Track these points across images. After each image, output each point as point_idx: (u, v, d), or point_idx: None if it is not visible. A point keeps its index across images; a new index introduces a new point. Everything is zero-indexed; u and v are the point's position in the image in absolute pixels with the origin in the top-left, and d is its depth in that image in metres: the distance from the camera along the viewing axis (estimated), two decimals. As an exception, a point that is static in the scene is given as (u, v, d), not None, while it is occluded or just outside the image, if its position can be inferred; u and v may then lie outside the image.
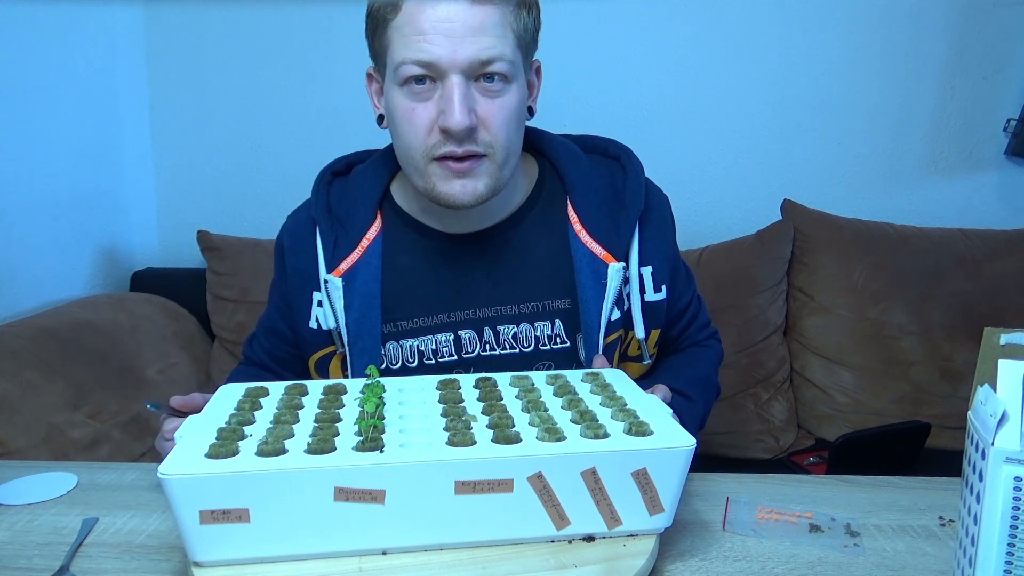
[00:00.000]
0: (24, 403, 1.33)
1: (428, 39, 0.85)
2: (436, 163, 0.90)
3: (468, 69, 0.86)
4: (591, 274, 0.97)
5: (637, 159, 1.04)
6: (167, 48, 2.02)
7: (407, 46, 0.86)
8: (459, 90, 0.86)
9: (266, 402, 0.82)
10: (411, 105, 0.89)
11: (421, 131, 0.89)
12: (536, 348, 0.99)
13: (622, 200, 1.01)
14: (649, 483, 0.70)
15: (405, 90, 0.89)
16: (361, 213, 1.01)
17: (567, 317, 0.99)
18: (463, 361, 0.99)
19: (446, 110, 0.86)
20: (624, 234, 0.99)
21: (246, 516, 0.66)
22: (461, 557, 0.69)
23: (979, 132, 2.02)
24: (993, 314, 1.79)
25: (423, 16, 0.85)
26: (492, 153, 0.90)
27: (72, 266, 1.84)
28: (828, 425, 1.81)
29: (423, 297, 1.00)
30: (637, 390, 0.85)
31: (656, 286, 1.02)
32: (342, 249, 0.99)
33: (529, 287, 1.00)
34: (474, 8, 0.85)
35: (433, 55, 0.85)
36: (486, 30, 0.86)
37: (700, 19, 1.97)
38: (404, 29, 0.87)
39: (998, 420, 0.59)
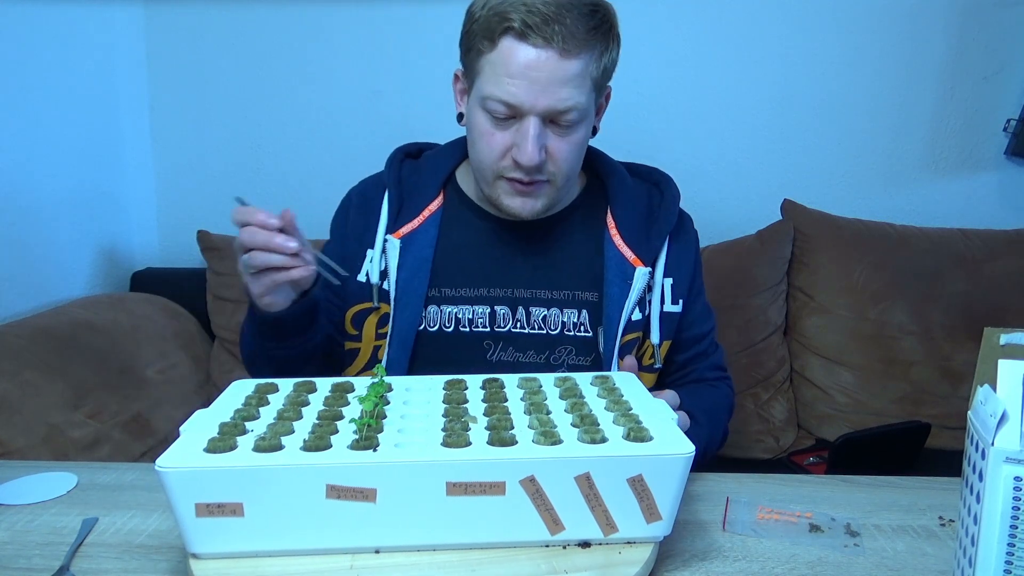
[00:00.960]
0: (24, 403, 1.32)
1: (515, 83, 0.93)
2: (504, 180, 1.01)
3: (544, 114, 0.95)
4: (618, 273, 1.06)
5: (676, 187, 1.15)
6: (167, 48, 2.02)
7: (495, 84, 0.95)
8: (534, 131, 0.95)
9: (274, 398, 0.84)
10: (491, 129, 0.99)
11: (496, 153, 0.99)
12: (561, 333, 1.08)
13: (656, 217, 1.12)
14: (646, 490, 0.69)
15: (487, 115, 0.98)
16: (427, 189, 1.12)
17: (592, 309, 1.08)
18: (494, 333, 1.08)
19: (520, 146, 0.96)
20: (654, 244, 1.09)
21: (240, 510, 0.67)
22: (452, 559, 0.69)
23: (979, 132, 2.02)
24: (993, 314, 1.79)
25: (514, 59, 0.93)
26: (554, 180, 1.02)
27: (72, 266, 1.84)
28: (828, 425, 1.81)
29: (468, 270, 1.09)
30: (645, 395, 0.84)
31: (674, 298, 1.11)
32: (405, 216, 1.10)
33: (563, 276, 1.09)
34: (562, 61, 0.93)
35: (516, 99, 0.94)
36: (567, 81, 0.94)
37: (700, 19, 1.97)
38: (495, 66, 0.95)
39: (998, 420, 0.59)
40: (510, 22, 0.92)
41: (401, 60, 1.99)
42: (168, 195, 2.10)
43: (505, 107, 0.95)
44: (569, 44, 0.92)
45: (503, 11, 0.93)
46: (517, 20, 0.91)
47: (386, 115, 2.02)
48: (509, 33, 0.93)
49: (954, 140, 2.03)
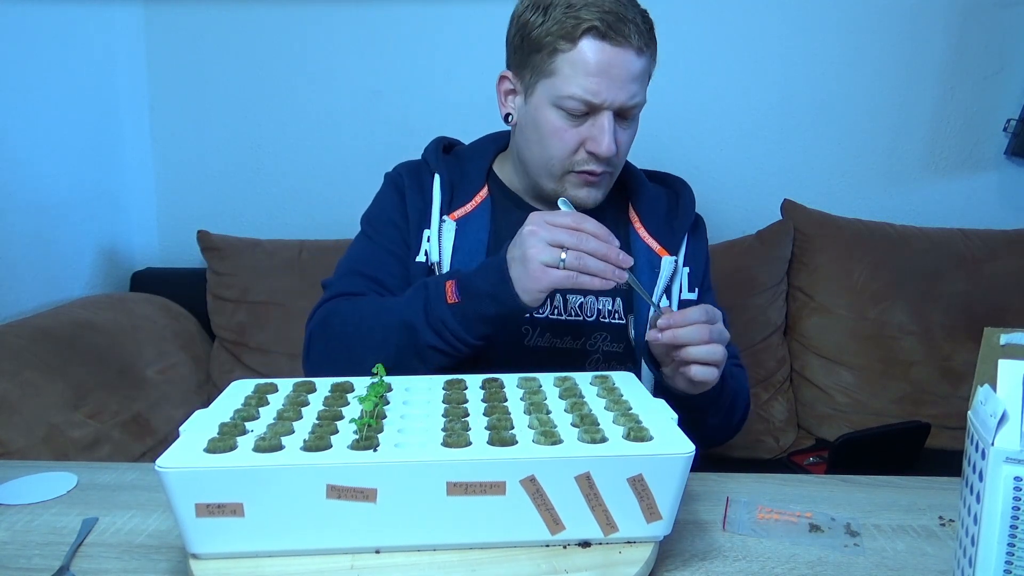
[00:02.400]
0: (24, 403, 1.32)
1: (596, 81, 0.98)
2: (573, 174, 1.05)
3: (620, 109, 1.01)
4: (646, 262, 1.12)
5: (691, 190, 1.22)
6: (167, 48, 2.02)
7: (575, 83, 0.99)
8: (610, 124, 1.01)
9: (273, 398, 0.84)
10: (564, 126, 1.02)
11: (569, 148, 1.03)
12: (597, 319, 1.12)
13: (675, 213, 1.18)
14: (646, 490, 0.69)
15: (561, 112, 1.02)
16: (474, 178, 1.15)
17: (625, 297, 1.13)
18: (532, 319, 1.10)
19: (597, 139, 1.01)
20: (677, 237, 1.15)
21: (240, 511, 0.67)
22: (452, 559, 0.69)
23: (979, 132, 2.02)
24: (993, 314, 1.79)
25: (596, 58, 0.98)
26: (615, 169, 1.08)
27: (72, 266, 1.84)
28: (828, 425, 1.81)
29: None
30: (645, 394, 0.84)
31: (691, 286, 1.16)
32: (459, 199, 1.13)
33: None
34: (637, 58, 1.00)
35: (598, 96, 0.99)
36: (638, 77, 1.01)
37: (700, 19, 1.97)
38: (576, 65, 0.99)
39: (998, 420, 0.59)
40: (590, 22, 0.97)
41: (401, 60, 1.99)
42: (168, 195, 2.10)
43: (584, 104, 0.99)
44: (641, 41, 0.99)
45: (578, 14, 0.97)
46: (598, 20, 0.96)
47: (386, 115, 2.02)
48: (590, 33, 0.97)
49: (954, 140, 2.03)
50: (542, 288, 0.89)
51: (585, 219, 0.89)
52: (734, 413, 1.13)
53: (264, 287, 1.83)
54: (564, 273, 0.87)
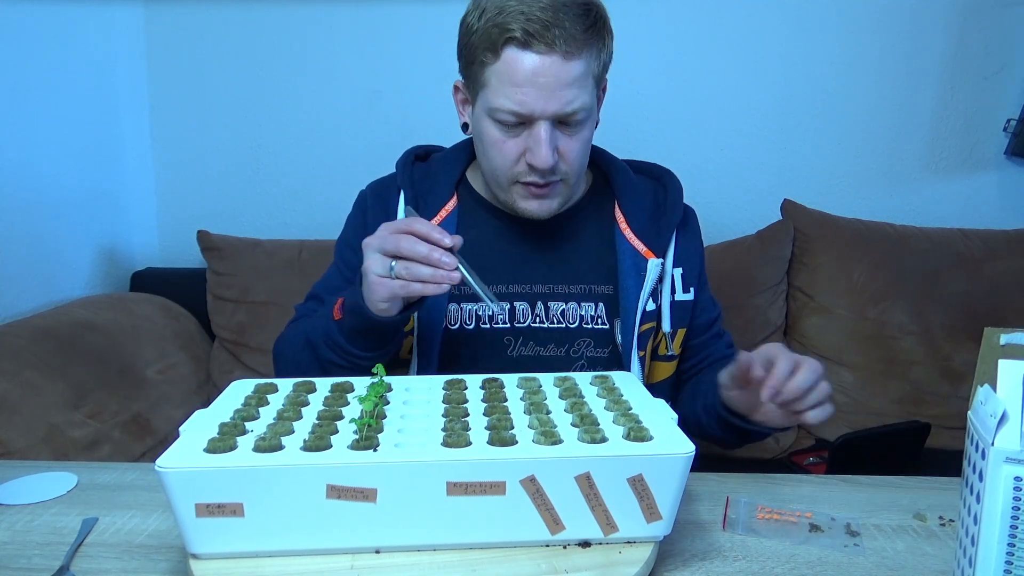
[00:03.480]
0: (24, 403, 1.32)
1: (522, 91, 0.94)
2: (520, 185, 1.03)
3: (554, 118, 0.97)
4: (632, 266, 1.09)
5: (679, 182, 1.17)
6: (167, 48, 2.02)
7: (503, 95, 0.96)
8: (546, 135, 0.96)
9: (273, 398, 0.84)
10: (501, 138, 1.00)
11: (509, 160, 1.01)
12: (580, 326, 1.10)
13: (663, 210, 1.14)
14: (646, 490, 0.69)
15: (496, 124, 1.00)
16: (441, 190, 1.13)
17: (609, 302, 1.10)
18: (515, 329, 1.09)
19: (533, 150, 0.98)
20: (664, 236, 1.12)
21: (240, 511, 0.67)
22: (452, 558, 0.69)
23: (979, 132, 2.02)
24: (993, 314, 1.79)
25: (519, 68, 0.94)
26: (567, 178, 1.04)
27: (72, 266, 1.84)
28: (828, 425, 1.80)
29: (486, 268, 1.08)
30: (645, 394, 0.84)
31: (685, 287, 1.14)
32: (423, 215, 1.08)
33: (579, 270, 1.11)
34: (566, 63, 0.94)
35: (526, 107, 0.95)
36: (573, 82, 0.95)
37: (700, 19, 1.97)
38: (501, 76, 0.96)
39: (998, 420, 0.59)
40: (511, 32, 0.93)
41: (401, 60, 1.99)
42: (168, 195, 2.10)
43: (515, 116, 0.97)
44: (570, 46, 0.93)
45: (502, 22, 0.93)
46: (518, 29, 0.92)
47: (386, 115, 2.02)
48: (511, 43, 0.94)
49: (954, 140, 2.03)
50: (382, 299, 0.89)
51: (414, 222, 0.88)
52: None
53: (264, 287, 1.83)
54: (398, 283, 0.87)
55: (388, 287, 0.88)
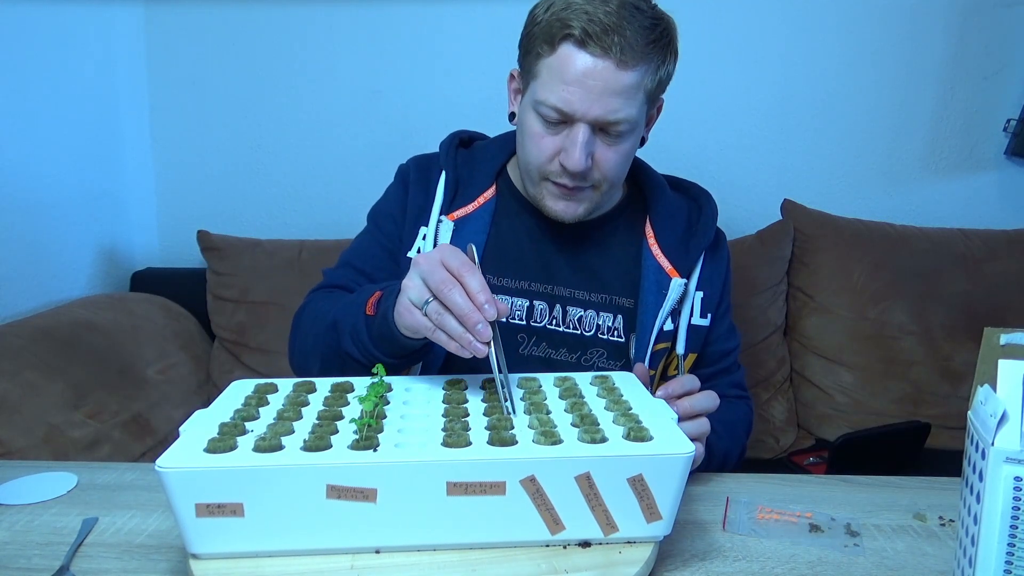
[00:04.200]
0: (24, 403, 1.32)
1: (569, 90, 0.94)
2: (550, 182, 1.03)
3: (595, 123, 0.96)
4: (654, 282, 1.08)
5: (715, 204, 1.16)
6: (167, 48, 2.02)
7: (550, 89, 0.96)
8: (583, 138, 0.96)
9: (273, 398, 0.84)
10: (541, 132, 1.00)
11: (544, 156, 1.00)
12: (595, 335, 1.09)
13: (694, 231, 1.13)
14: (646, 490, 0.69)
15: (539, 118, 0.99)
16: (481, 177, 1.13)
17: (628, 315, 1.10)
18: (530, 328, 1.09)
19: (568, 151, 0.97)
20: (692, 258, 1.11)
21: (240, 511, 0.67)
22: (452, 559, 0.69)
23: (979, 132, 2.02)
24: (993, 314, 1.79)
25: (571, 66, 0.94)
26: (599, 186, 1.03)
27: (72, 266, 1.84)
28: (828, 425, 1.81)
29: (513, 261, 1.10)
30: (645, 394, 0.84)
31: (703, 312, 1.12)
32: (461, 200, 1.11)
33: (602, 280, 1.10)
34: (618, 72, 0.93)
35: (570, 106, 0.95)
36: (621, 92, 0.94)
37: (700, 19, 1.97)
38: (552, 70, 0.95)
39: (998, 420, 0.59)
40: (571, 29, 0.93)
41: (401, 60, 1.99)
42: (168, 195, 2.09)
43: (557, 113, 0.96)
44: (627, 55, 0.92)
45: (565, 17, 0.93)
46: (577, 28, 0.92)
47: (386, 115, 2.02)
48: (569, 40, 0.93)
49: (954, 140, 2.03)
50: (406, 325, 0.84)
51: (473, 271, 0.79)
52: (732, 449, 1.09)
53: (264, 287, 1.83)
54: (424, 321, 0.81)
55: (415, 320, 0.82)
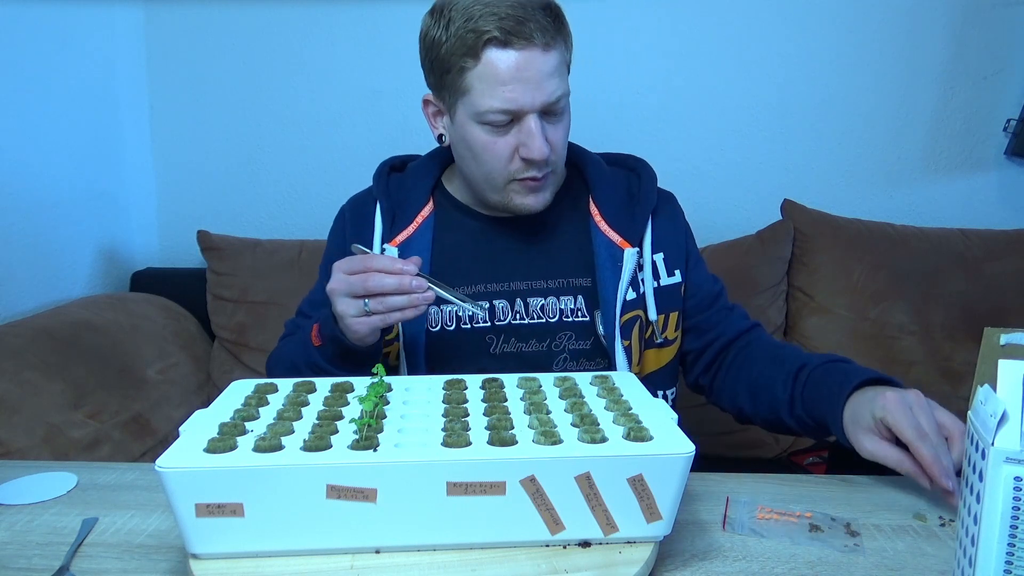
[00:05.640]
0: (24, 403, 1.32)
1: (509, 88, 0.96)
2: (516, 182, 1.05)
3: (544, 108, 0.99)
4: (608, 257, 1.10)
5: (652, 170, 1.19)
6: (167, 48, 2.02)
7: (490, 95, 0.97)
8: (537, 127, 0.99)
9: (273, 398, 0.84)
10: (492, 139, 1.01)
11: (503, 160, 1.02)
12: (560, 320, 1.11)
13: (637, 199, 1.15)
14: (646, 490, 0.69)
15: (485, 127, 1.01)
16: (417, 197, 1.15)
17: (587, 294, 1.11)
18: (495, 328, 1.10)
19: (528, 144, 1.00)
20: (638, 225, 1.12)
21: (240, 511, 0.67)
22: (452, 559, 0.69)
23: (979, 132, 2.02)
24: (993, 314, 1.79)
25: (503, 66, 0.96)
26: (556, 168, 1.08)
27: (72, 266, 1.84)
28: (828, 425, 1.81)
29: (464, 269, 1.12)
30: (645, 394, 0.84)
31: (669, 271, 1.14)
32: (400, 224, 1.13)
33: (556, 265, 1.12)
34: (545, 55, 0.97)
35: (516, 103, 0.97)
36: (552, 73, 0.98)
37: (700, 19, 1.97)
38: (485, 78, 0.97)
39: (998, 420, 0.59)
40: (488, 33, 0.95)
41: (401, 60, 1.99)
42: (168, 195, 2.10)
43: (505, 114, 0.98)
44: (546, 37, 0.96)
45: (476, 27, 0.95)
46: (495, 29, 0.94)
47: (386, 115, 2.02)
48: (491, 44, 0.96)
49: (954, 140, 2.03)
50: (366, 334, 0.95)
51: (370, 259, 0.92)
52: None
53: (264, 287, 1.83)
54: (378, 317, 0.92)
55: (367, 324, 0.92)
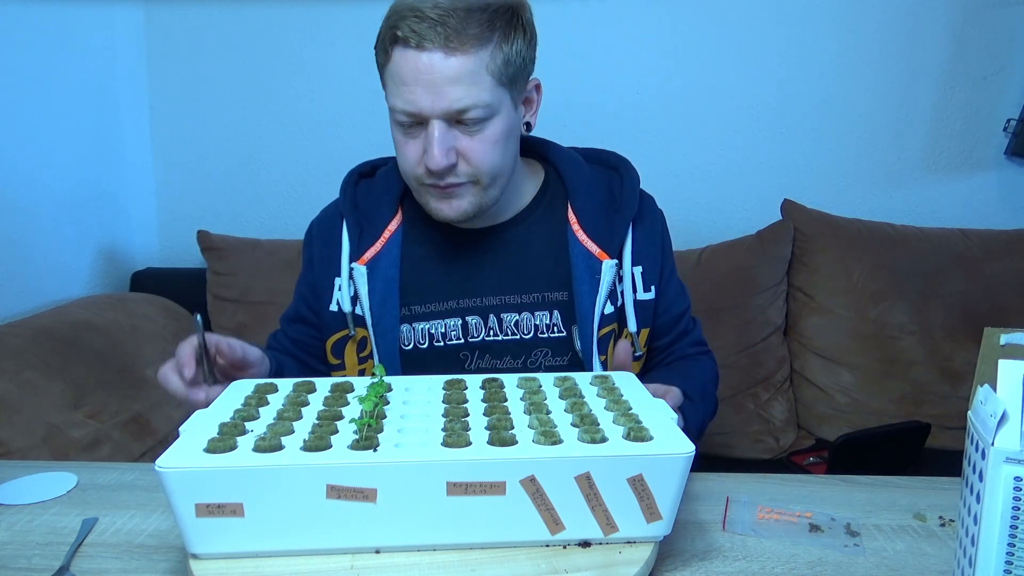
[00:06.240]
0: (24, 403, 1.32)
1: (411, 90, 0.94)
2: (426, 187, 1.01)
3: (446, 116, 0.94)
4: (586, 269, 1.05)
5: (635, 170, 1.13)
6: (167, 48, 2.02)
7: (395, 94, 0.96)
8: (438, 134, 0.94)
9: (273, 398, 0.84)
10: (404, 139, 0.99)
11: (411, 162, 0.99)
12: (535, 336, 1.08)
13: (618, 205, 1.09)
14: (646, 490, 0.69)
15: (398, 126, 0.99)
16: (384, 208, 1.11)
17: (564, 309, 1.08)
18: (469, 344, 1.07)
19: (427, 151, 0.96)
20: (618, 234, 1.08)
21: (240, 511, 0.67)
22: (452, 559, 0.69)
23: (979, 132, 2.02)
24: (993, 314, 1.79)
25: (406, 67, 0.93)
26: (478, 180, 0.99)
27: (72, 266, 1.84)
28: (828, 425, 1.81)
29: (435, 285, 1.09)
30: (645, 394, 0.84)
31: (646, 286, 1.10)
32: (367, 240, 1.09)
33: (530, 279, 1.08)
34: (449, 59, 0.92)
35: (415, 106, 0.94)
36: (461, 79, 0.92)
37: (700, 19, 1.97)
38: (393, 76, 0.96)
39: (998, 420, 0.59)
40: (396, 30, 0.93)
41: (401, 60, 1.99)
42: (168, 195, 2.10)
43: (407, 116, 0.95)
44: (454, 42, 0.91)
45: (394, 24, 0.94)
46: (402, 27, 0.92)
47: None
48: (396, 43, 0.94)
49: (954, 140, 2.03)
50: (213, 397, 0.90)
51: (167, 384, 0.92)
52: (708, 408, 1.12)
53: (264, 287, 1.83)
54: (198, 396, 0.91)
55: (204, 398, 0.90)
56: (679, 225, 2.03)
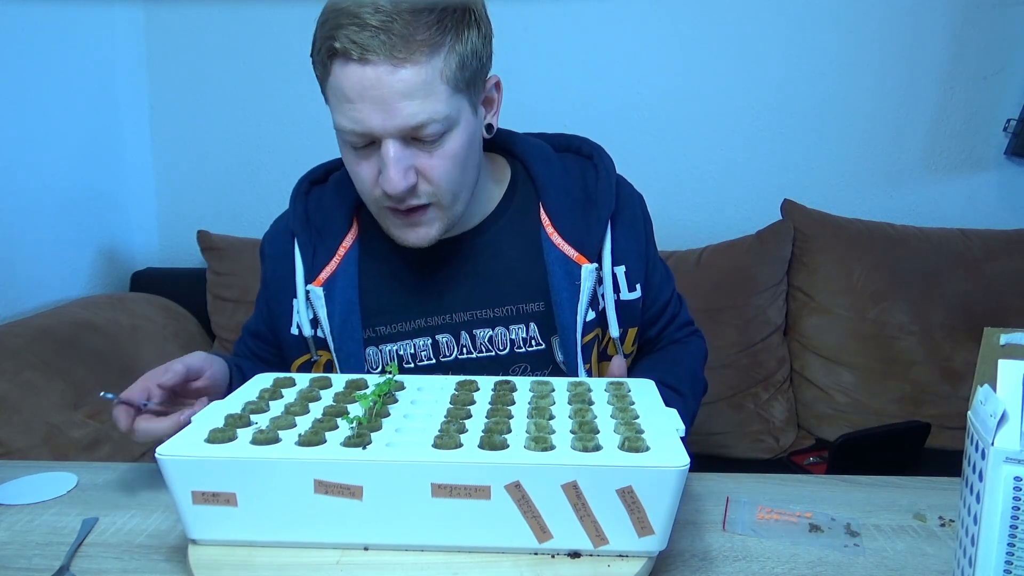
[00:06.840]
0: (24, 403, 1.32)
1: (358, 108, 0.83)
2: (386, 210, 0.91)
3: (400, 134, 0.84)
4: (564, 276, 0.97)
5: (609, 157, 1.04)
6: (167, 48, 2.02)
7: (341, 112, 0.85)
8: (393, 154, 0.84)
9: (288, 392, 0.85)
10: (356, 160, 0.89)
11: (367, 185, 0.90)
12: (511, 351, 1.00)
13: (594, 200, 1.00)
14: (636, 502, 0.66)
15: (348, 147, 0.89)
16: (338, 221, 1.01)
17: (541, 320, 1.00)
18: (441, 364, 1.00)
19: (383, 173, 0.86)
20: (596, 234, 0.99)
21: (234, 500, 0.68)
22: (436, 560, 0.69)
23: (979, 132, 2.02)
24: (993, 314, 1.79)
25: (348, 83, 0.82)
26: (437, 200, 0.90)
27: (72, 266, 1.84)
28: (828, 425, 1.81)
29: (400, 303, 1.00)
30: (658, 402, 0.81)
31: (630, 285, 1.02)
32: (321, 258, 1.00)
33: (503, 291, 1.00)
34: (398, 71, 0.81)
35: (364, 125, 0.84)
36: (413, 93, 0.82)
37: (700, 19, 1.97)
38: (336, 92, 0.85)
39: (998, 420, 0.59)
40: (332, 41, 0.82)
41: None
42: (168, 195, 2.10)
43: (357, 136, 0.85)
44: (401, 52, 0.80)
45: (330, 32, 0.82)
46: (340, 38, 0.81)
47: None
48: (335, 56, 0.83)
49: (954, 140, 2.03)
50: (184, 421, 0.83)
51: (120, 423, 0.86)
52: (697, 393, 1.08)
53: (264, 287, 1.83)
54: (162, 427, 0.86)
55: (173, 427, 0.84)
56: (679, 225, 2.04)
